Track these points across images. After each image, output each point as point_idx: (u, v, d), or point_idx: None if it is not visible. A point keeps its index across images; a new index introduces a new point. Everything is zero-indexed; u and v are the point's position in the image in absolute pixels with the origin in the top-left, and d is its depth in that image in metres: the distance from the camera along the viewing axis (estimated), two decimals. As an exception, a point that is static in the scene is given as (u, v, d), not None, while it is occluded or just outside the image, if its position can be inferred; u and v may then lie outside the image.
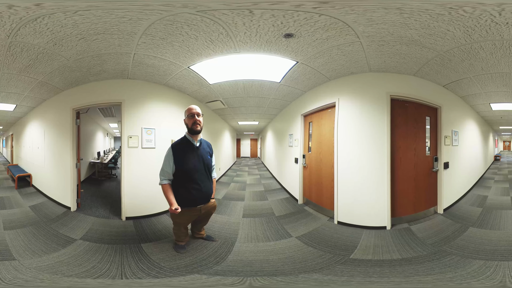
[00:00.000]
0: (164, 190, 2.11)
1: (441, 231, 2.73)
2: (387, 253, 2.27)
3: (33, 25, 1.76)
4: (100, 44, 2.14)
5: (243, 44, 2.19)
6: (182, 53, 2.38)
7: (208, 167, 2.28)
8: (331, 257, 2.19)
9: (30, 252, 2.17)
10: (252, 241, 2.54)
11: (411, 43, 2.17)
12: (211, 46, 2.25)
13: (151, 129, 3.36)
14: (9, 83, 2.99)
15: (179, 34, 2.03)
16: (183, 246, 2.32)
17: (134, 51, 2.32)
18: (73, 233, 2.63)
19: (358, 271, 1.96)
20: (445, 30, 1.90)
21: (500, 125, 7.80)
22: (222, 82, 3.43)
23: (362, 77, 2.99)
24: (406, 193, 3.10)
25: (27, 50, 2.16)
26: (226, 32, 1.99)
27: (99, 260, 2.08)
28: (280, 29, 1.95)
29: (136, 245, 2.39)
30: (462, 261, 2.04)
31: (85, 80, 3.16)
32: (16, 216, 3.19)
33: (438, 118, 3.46)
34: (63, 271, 1.89)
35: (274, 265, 2.06)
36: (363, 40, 2.14)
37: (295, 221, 3.15)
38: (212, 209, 2.37)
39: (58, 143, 3.82)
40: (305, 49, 2.32)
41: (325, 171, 3.52)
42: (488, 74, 2.87)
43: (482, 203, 4.00)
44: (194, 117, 2.16)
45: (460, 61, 2.49)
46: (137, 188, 3.24)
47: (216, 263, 2.09)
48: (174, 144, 2.18)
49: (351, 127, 3.07)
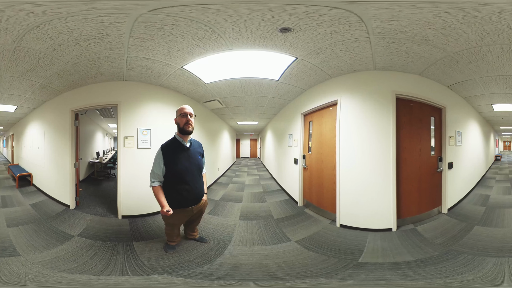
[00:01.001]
0: (155, 192, 2.13)
1: (448, 231, 2.84)
2: (398, 255, 2.29)
3: (36, 32, 1.92)
4: (94, 48, 2.31)
5: (235, 40, 2.17)
6: (172, 53, 2.46)
7: (199, 167, 2.31)
8: (337, 262, 2.18)
9: (32, 248, 2.36)
10: (247, 244, 2.56)
11: (423, 42, 2.19)
12: (200, 45, 2.27)
13: (147, 130, 3.54)
14: (12, 85, 3.23)
15: (163, 35, 2.10)
16: (173, 247, 2.39)
17: (126, 53, 2.47)
18: (71, 230, 2.84)
19: (374, 274, 1.96)
20: (462, 32, 1.95)
21: (501, 125, 8.09)
22: (218, 81, 3.48)
23: (366, 75, 2.98)
24: (411, 194, 3.16)
25: (30, 55, 2.36)
26: (212, 30, 1.99)
27: (91, 257, 2.24)
28: (273, 24, 1.91)
29: (128, 243, 2.54)
30: (475, 259, 2.13)
31: (83, 82, 3.37)
32: (17, 214, 3.44)
33: (443, 119, 3.55)
34: (59, 266, 2.06)
35: (267, 269, 2.05)
36: (373, 36, 2.11)
37: (295, 224, 3.16)
38: (204, 207, 2.43)
39: (58, 144, 4.08)
40: (305, 45, 2.29)
41: (326, 172, 3.51)
42: (492, 76, 2.99)
43: (485, 202, 4.15)
44: (186, 117, 2.16)
45: (468, 63, 2.59)
46: (133, 188, 3.42)
47: (200, 265, 2.12)
48: (164, 145, 2.20)
49: (354, 126, 3.06)
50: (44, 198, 4.29)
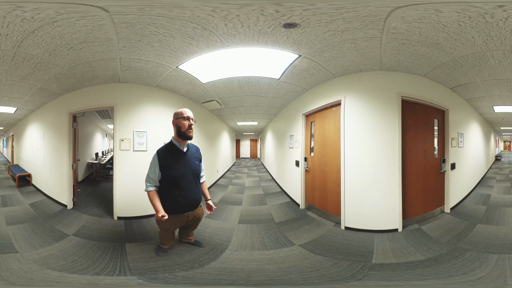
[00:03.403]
0: (150, 197, 2.22)
1: (452, 230, 3.09)
2: (410, 254, 2.45)
3: (32, 37, 2.18)
4: (87, 52, 2.56)
5: (230, 37, 2.18)
6: (165, 53, 2.58)
7: (197, 173, 2.39)
8: (350, 264, 2.25)
9: (29, 245, 2.62)
10: (246, 249, 2.61)
11: (432, 45, 2.33)
12: (193, 43, 2.32)
13: (143, 132, 3.81)
14: (12, 88, 3.61)
15: (150, 35, 2.17)
16: (165, 250, 2.51)
17: (119, 56, 2.70)
18: (67, 229, 3.15)
19: (399, 275, 2.07)
20: (470, 37, 2.10)
21: (501, 126, 8.74)
22: (215, 81, 3.60)
23: (371, 75, 3.12)
24: (416, 194, 3.39)
25: (28, 60, 2.66)
26: (202, 27, 2.01)
27: (81, 255, 2.44)
28: (277, 19, 1.88)
29: (120, 244, 2.73)
30: (480, 256, 2.37)
31: (80, 85, 3.71)
32: (17, 212, 3.82)
33: (446, 121, 3.78)
34: (50, 263, 2.25)
35: (270, 274, 2.08)
36: (385, 36, 2.17)
37: (297, 228, 3.25)
38: (201, 214, 2.53)
39: (56, 145, 4.49)
40: (311, 41, 2.30)
41: (330, 175, 3.64)
42: (494, 80, 3.21)
43: (486, 201, 4.53)
44: (189, 121, 2.23)
45: (471, 67, 2.80)
46: (129, 190, 3.70)
47: (188, 269, 2.19)
48: (160, 150, 2.29)
49: (359, 127, 3.20)
50: (42, 198, 4.72)
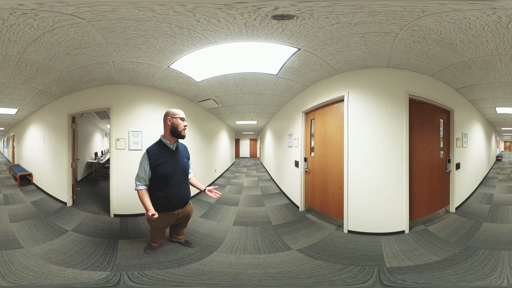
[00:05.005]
0: (140, 196, 2.35)
1: (459, 229, 3.27)
2: (423, 256, 2.49)
3: (35, 44, 2.46)
4: (82, 57, 2.84)
5: (213, 32, 2.17)
6: (153, 53, 2.72)
7: (186, 171, 2.55)
8: (361, 269, 2.24)
9: (32, 241, 2.92)
10: (237, 252, 2.65)
11: (446, 46, 2.37)
12: (177, 42, 2.38)
13: (138, 132, 4.13)
14: (14, 91, 3.99)
15: (133, 37, 2.32)
16: (154, 248, 2.69)
17: (111, 59, 2.95)
18: (66, 225, 3.50)
19: (429, 278, 2.10)
20: (485, 41, 2.19)
21: (502, 126, 9.20)
22: (210, 79, 3.70)
23: (377, 72, 3.13)
24: (422, 195, 3.53)
25: (30, 65, 2.98)
26: (177, 26, 2.05)
27: (77, 250, 2.70)
28: (256, 11, 1.80)
29: (114, 240, 2.97)
30: (491, 253, 2.53)
31: (78, 88, 4.07)
32: (19, 210, 4.21)
33: (451, 121, 3.98)
34: (51, 258, 2.50)
35: (251, 280, 2.08)
36: (403, 32, 2.11)
37: (296, 231, 3.27)
38: (190, 211, 2.70)
39: (56, 145, 4.89)
40: (312, 33, 2.18)
41: (331, 177, 3.66)
42: (499, 82, 3.40)
43: (489, 200, 4.85)
44: (184, 121, 2.39)
45: (479, 69, 2.98)
46: (125, 188, 4.00)
47: (165, 267, 2.30)
48: (150, 149, 2.42)
49: (363, 125, 3.21)
50: (43, 196, 5.14)
